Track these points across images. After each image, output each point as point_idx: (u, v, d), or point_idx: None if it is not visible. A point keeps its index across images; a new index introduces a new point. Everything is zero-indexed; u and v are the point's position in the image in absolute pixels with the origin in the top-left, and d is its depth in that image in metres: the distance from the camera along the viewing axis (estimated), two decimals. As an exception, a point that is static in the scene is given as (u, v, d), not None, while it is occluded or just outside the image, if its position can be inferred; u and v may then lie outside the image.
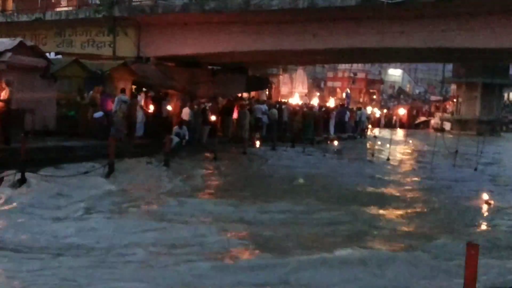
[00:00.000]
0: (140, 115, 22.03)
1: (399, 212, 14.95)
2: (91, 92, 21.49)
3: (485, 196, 16.60)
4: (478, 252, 6.30)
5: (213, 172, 19.57)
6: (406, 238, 11.81)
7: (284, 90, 48.12)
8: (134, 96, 22.64)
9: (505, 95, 69.23)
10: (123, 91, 21.74)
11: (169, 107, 23.64)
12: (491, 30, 19.45)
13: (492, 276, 8.73)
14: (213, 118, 24.74)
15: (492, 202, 16.23)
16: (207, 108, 25.07)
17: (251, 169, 21.37)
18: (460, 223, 13.71)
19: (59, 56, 24.28)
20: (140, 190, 15.48)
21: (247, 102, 30.46)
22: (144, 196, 14.77)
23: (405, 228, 12.91)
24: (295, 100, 42.59)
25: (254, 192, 16.49)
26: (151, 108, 22.90)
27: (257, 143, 26.92)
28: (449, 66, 61.10)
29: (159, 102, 23.34)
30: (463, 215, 14.73)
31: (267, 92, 41.73)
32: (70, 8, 27.87)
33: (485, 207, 15.91)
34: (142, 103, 22.97)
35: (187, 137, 22.38)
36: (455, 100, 60.11)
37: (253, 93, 38.28)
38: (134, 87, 24.50)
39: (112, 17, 24.93)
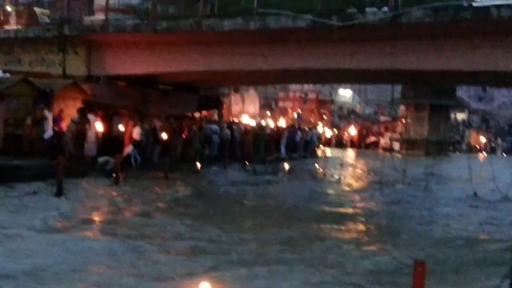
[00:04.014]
0: (92, 135, 21.84)
1: (349, 229, 15.13)
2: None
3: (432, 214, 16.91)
4: (425, 270, 6.43)
5: (164, 191, 19.48)
6: (354, 255, 11.95)
7: (235, 109, 48.22)
8: (84, 115, 22.38)
9: (452, 116, 70.67)
10: (79, 111, 21.59)
11: (120, 127, 23.51)
12: (438, 53, 19.91)
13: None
14: (164, 137, 24.63)
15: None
16: (158, 127, 24.97)
17: (203, 188, 21.33)
18: (409, 240, 13.90)
19: (7, 75, 23.97)
20: (90, 210, 15.31)
21: (197, 121, 30.41)
22: (93, 216, 14.66)
23: (353, 246, 13.04)
24: (246, 120, 42.70)
25: (206, 211, 16.48)
26: (102, 127, 22.69)
27: (208, 163, 26.88)
28: (398, 87, 62.15)
29: (109, 121, 23.19)
30: (411, 233, 14.96)
31: (217, 113, 41.72)
32: (20, 27, 27.54)
33: (432, 225, 16.20)
34: (95, 122, 22.72)
35: (138, 157, 22.35)
36: (404, 120, 61.07)
37: (204, 113, 38.27)
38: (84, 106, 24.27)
39: (62, 36, 24.71)
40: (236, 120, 40.56)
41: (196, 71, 24.82)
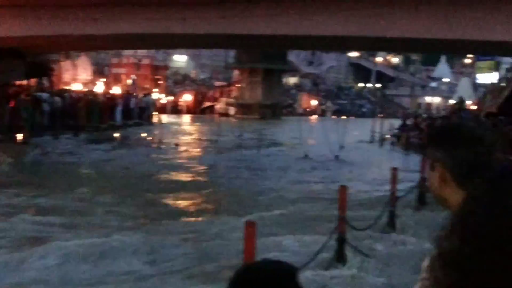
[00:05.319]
0: None
1: (187, 195, 15.17)
2: None
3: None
4: (256, 230, 6.53)
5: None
6: (191, 219, 12.02)
7: (66, 76, 46.61)
8: None
9: (284, 80, 72.71)
10: None
11: None
12: (268, 18, 20.21)
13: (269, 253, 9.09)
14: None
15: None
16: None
17: (32, 160, 20.49)
18: (240, 202, 14.16)
19: None
20: None
21: (25, 89, 29.07)
22: None
23: (191, 210, 13.12)
24: (78, 87, 41.45)
25: (32, 183, 15.83)
26: None
27: (39, 132, 25.80)
28: (232, 52, 62.86)
29: None
30: (243, 195, 15.26)
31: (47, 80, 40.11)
32: None
33: (263, 186, 16.63)
34: None
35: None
36: (238, 85, 62.04)
37: (33, 80, 36.63)
38: None
39: None
40: (67, 87, 39.22)
41: (22, 36, 23.58)
